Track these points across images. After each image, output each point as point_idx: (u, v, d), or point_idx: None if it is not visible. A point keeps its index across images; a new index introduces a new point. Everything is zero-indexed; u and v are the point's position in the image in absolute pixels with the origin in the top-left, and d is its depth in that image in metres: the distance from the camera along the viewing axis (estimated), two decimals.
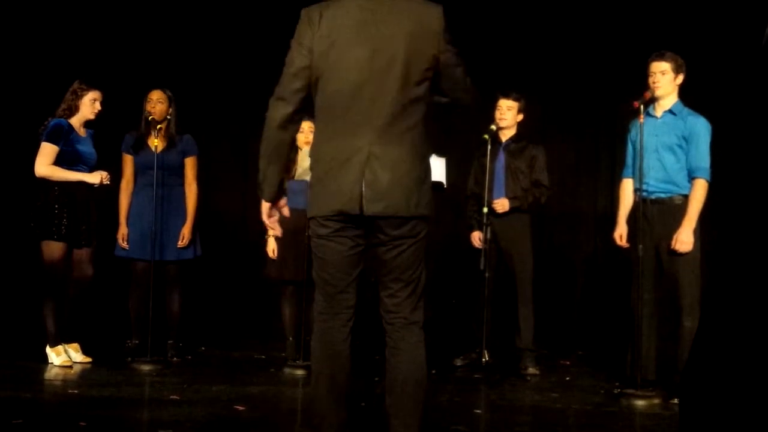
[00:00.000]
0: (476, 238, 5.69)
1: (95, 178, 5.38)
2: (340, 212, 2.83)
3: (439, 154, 4.56)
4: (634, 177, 4.90)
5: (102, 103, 5.52)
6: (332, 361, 2.93)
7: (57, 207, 5.30)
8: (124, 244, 5.63)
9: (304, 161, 5.22)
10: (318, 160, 2.91)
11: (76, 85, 5.48)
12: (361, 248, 2.91)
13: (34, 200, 5.35)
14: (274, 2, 7.22)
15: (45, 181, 5.35)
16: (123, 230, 5.64)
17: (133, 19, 7.25)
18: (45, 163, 5.32)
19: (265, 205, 3.04)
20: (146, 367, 5.26)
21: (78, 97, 5.45)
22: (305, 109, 2.94)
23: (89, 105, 5.46)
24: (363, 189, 2.79)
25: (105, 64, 6.88)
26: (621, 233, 5.00)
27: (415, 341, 2.91)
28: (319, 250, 2.93)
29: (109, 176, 5.44)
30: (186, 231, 5.66)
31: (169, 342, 5.70)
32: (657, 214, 4.78)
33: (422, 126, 2.88)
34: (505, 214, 5.54)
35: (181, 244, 5.65)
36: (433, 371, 5.00)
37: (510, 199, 5.56)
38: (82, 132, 5.50)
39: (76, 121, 5.46)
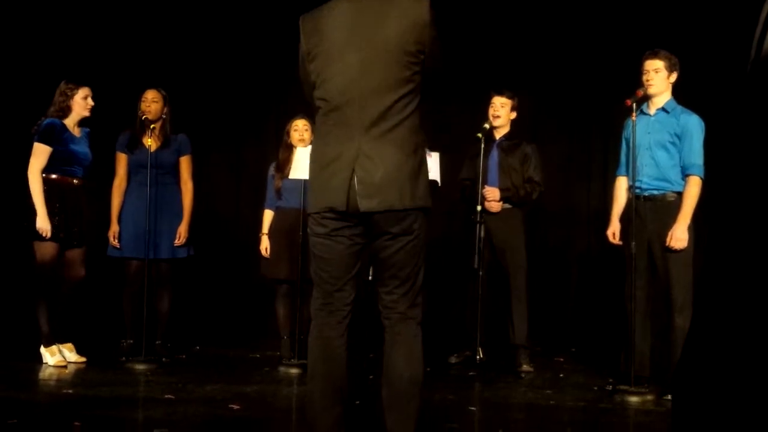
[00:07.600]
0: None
1: (45, 224, 5.20)
2: (329, 209, 2.85)
3: (432, 149, 4.56)
4: (627, 175, 4.93)
5: (93, 99, 5.48)
6: (328, 357, 2.94)
7: (48, 207, 5.28)
8: (115, 243, 5.61)
9: (298, 160, 5.22)
10: (314, 160, 2.96)
11: (63, 86, 5.43)
12: (359, 247, 2.93)
13: (27, 200, 5.32)
14: (268, 3, 7.22)
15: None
16: (114, 228, 5.62)
17: (128, 19, 7.23)
18: (37, 164, 5.28)
19: None
20: (141, 367, 5.26)
21: (68, 97, 5.40)
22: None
23: (81, 103, 5.43)
24: (356, 186, 2.81)
25: (100, 64, 6.87)
26: (614, 231, 5.04)
27: (412, 336, 2.94)
28: (317, 249, 2.95)
29: (50, 232, 5.23)
30: (183, 229, 5.67)
31: (157, 342, 5.69)
32: (650, 211, 4.80)
33: (414, 119, 2.89)
34: (498, 211, 5.55)
35: (178, 242, 5.64)
36: (428, 369, 4.97)
37: (501, 190, 5.57)
38: (76, 132, 5.48)
39: (70, 122, 5.43)
